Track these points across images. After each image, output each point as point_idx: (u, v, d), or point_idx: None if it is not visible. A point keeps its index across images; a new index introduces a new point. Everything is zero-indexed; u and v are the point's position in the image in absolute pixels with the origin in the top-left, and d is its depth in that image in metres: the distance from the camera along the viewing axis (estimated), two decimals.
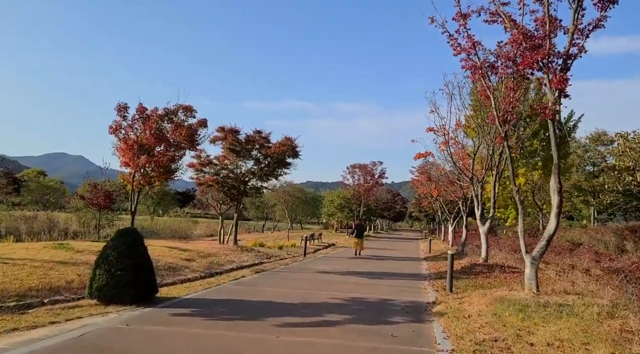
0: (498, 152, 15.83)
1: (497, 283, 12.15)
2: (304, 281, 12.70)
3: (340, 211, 53.14)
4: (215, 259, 16.58)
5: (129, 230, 8.75)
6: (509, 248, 17.78)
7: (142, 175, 13.39)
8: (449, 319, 7.80)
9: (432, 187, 31.69)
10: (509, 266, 14.93)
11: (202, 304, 8.78)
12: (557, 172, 8.34)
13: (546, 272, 13.46)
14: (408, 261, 21.09)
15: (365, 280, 13.28)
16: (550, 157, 34.60)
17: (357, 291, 11.13)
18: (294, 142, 21.65)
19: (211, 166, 21.23)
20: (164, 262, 13.77)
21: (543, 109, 8.05)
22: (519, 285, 10.15)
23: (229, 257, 18.02)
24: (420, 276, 14.97)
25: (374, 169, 47.90)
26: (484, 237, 16.08)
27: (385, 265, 18.27)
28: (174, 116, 13.86)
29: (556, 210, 8.44)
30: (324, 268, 16.14)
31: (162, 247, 17.69)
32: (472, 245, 24.44)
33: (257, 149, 21.72)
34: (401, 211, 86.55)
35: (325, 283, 12.31)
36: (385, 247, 31.00)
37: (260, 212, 67.31)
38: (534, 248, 9.22)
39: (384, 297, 10.33)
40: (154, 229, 49.36)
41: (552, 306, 7.51)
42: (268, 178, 22.43)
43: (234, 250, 20.41)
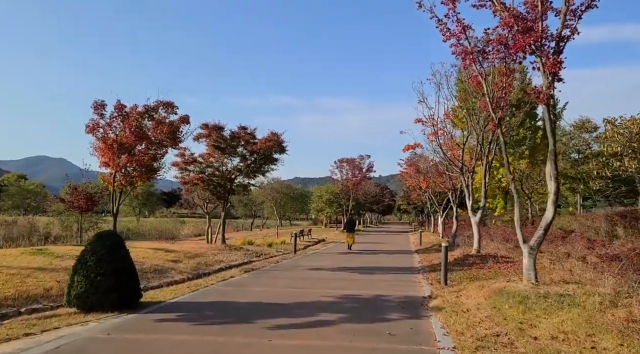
0: (487, 141, 15.62)
1: (492, 273, 11.93)
2: (295, 279, 12.35)
3: (329, 206, 52.88)
4: (202, 259, 16.14)
5: (109, 233, 8.29)
6: (500, 238, 17.61)
7: (124, 175, 12.87)
8: (447, 314, 7.51)
9: (421, 179, 31.53)
10: (502, 256, 14.75)
11: (189, 307, 8.37)
12: (554, 158, 8.09)
13: (540, 261, 13.27)
14: (400, 254, 20.87)
15: (358, 276, 12.97)
16: (537, 146, 34.63)
17: (350, 287, 10.81)
18: (280, 137, 21.23)
19: (196, 164, 20.72)
20: (149, 265, 13.30)
21: (537, 94, 7.78)
22: (516, 276, 9.92)
23: (217, 257, 17.59)
24: (413, 269, 14.72)
25: (362, 163, 47.66)
26: (476, 228, 15.89)
27: (377, 259, 18.01)
28: (154, 112, 13.34)
29: (553, 197, 8.19)
30: (315, 265, 15.80)
31: (148, 249, 17.18)
32: (463, 236, 24.30)
33: (242, 145, 21.26)
34: (390, 204, 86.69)
35: (317, 281, 11.97)
36: (376, 241, 30.80)
37: (249, 210, 66.74)
38: (531, 237, 8.96)
39: (378, 293, 10.03)
40: (140, 230, 48.57)
41: (553, 296, 7.26)
42: (255, 175, 22.00)
43: (222, 249, 19.97)
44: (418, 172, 31.95)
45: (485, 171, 15.95)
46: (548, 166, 8.33)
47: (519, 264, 13.16)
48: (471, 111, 15.71)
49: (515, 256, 14.99)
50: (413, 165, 32.81)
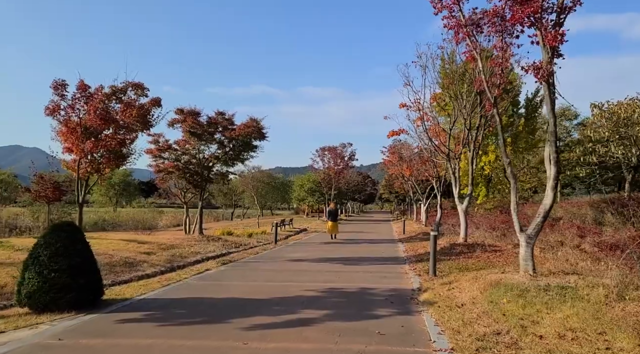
0: (475, 126, 15.08)
1: (482, 263, 11.43)
2: (275, 271, 11.65)
3: (310, 196, 52.24)
4: (178, 251, 15.31)
5: (65, 224, 7.42)
6: (486, 226, 17.20)
7: (89, 162, 11.90)
8: (441, 310, 6.91)
9: (404, 167, 31.04)
10: (489, 245, 14.31)
11: (157, 305, 7.59)
12: (554, 140, 7.51)
13: None
14: (384, 243, 20.34)
15: (342, 267, 12.33)
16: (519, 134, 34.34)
17: (334, 280, 10.15)
18: (260, 123, 20.38)
19: (171, 151, 19.75)
20: (118, 258, 12.42)
21: (536, 70, 7.17)
22: (510, 266, 9.42)
23: (194, 248, 16.77)
24: (399, 259, 14.16)
25: (344, 152, 47.10)
26: (463, 216, 15.40)
27: (361, 249, 17.43)
28: (122, 94, 12.35)
29: (552, 182, 7.63)
30: (297, 256, 15.13)
31: (119, 240, 16.27)
32: (447, 224, 23.93)
33: (220, 131, 20.35)
34: (371, 193, 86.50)
35: (298, 273, 11.29)
36: (359, 230, 30.28)
37: (229, 200, 65.73)
38: (529, 225, 8.42)
39: (364, 285, 9.40)
40: (117, 221, 47.18)
41: (554, 289, 6.71)
42: (234, 163, 21.12)
43: (200, 240, 19.15)
44: (401, 160, 31.44)
45: (472, 158, 15.43)
46: (547, 149, 7.76)
47: (508, 253, 12.73)
48: (458, 95, 15.12)
49: (503, 244, 14.60)
50: (396, 153, 32.29)
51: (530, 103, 37.69)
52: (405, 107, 16.82)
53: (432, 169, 24.52)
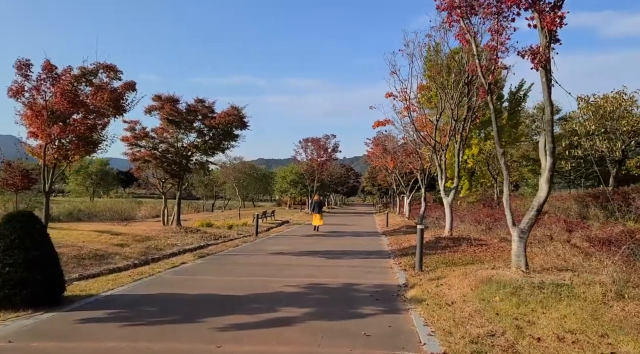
0: (462, 118, 14.72)
1: (469, 258, 11.09)
2: (254, 265, 11.12)
3: (293, 187, 51.67)
4: (153, 243, 14.67)
5: (20, 214, 6.76)
6: (471, 219, 16.95)
7: (57, 148, 11.14)
8: (430, 308, 6.50)
9: (388, 160, 30.71)
10: (475, 239, 14.02)
11: (125, 302, 7.01)
12: (551, 129, 7.13)
13: None
14: (367, 236, 19.98)
15: (325, 261, 11.87)
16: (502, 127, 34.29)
17: (316, 275, 9.69)
18: (241, 111, 19.74)
19: (147, 139, 18.96)
20: (88, 250, 11.74)
21: (533, 55, 6.76)
22: (500, 262, 9.08)
23: (171, 240, 16.13)
24: (383, 253, 13.77)
25: (327, 143, 46.60)
26: (449, 209, 15.07)
27: (344, 242, 17.01)
28: (93, 76, 11.58)
29: (548, 174, 7.26)
30: (278, 249, 14.63)
31: (91, 231, 15.52)
32: (431, 218, 23.71)
33: (200, 120, 19.64)
34: (354, 186, 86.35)
35: (279, 267, 10.79)
36: (342, 223, 29.91)
37: (210, 191, 64.71)
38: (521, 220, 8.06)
39: (348, 281, 8.96)
40: (93, 211, 45.93)
41: (548, 286, 6.35)
42: (213, 152, 20.45)
43: (177, 232, 18.50)
44: (385, 152, 31.10)
45: (459, 150, 15.09)
46: (542, 139, 7.39)
47: (494, 248, 12.44)
48: (445, 85, 14.71)
49: (489, 238, 14.33)
50: (380, 145, 31.93)
51: (513, 97, 37.68)
52: (391, 96, 16.40)
53: (417, 162, 24.19)
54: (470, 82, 14.18)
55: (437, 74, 15.40)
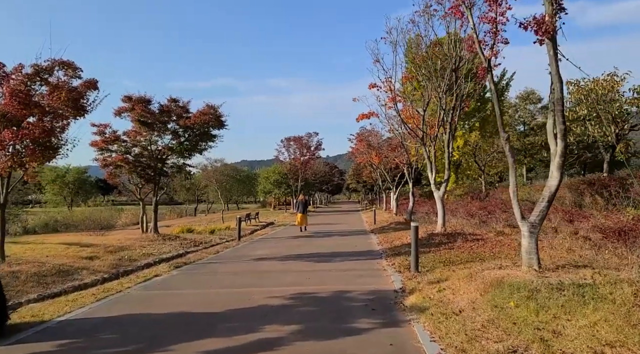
0: (450, 107, 13.96)
1: (466, 255, 10.31)
2: (236, 274, 10.16)
3: (277, 188, 50.64)
4: (127, 253, 13.61)
5: None
6: (463, 213, 16.25)
7: (11, 155, 10.03)
8: (435, 318, 5.66)
9: (373, 155, 29.94)
10: (470, 233, 13.29)
11: (81, 329, 6.03)
12: (561, 109, 6.34)
13: (516, 237, 11.91)
14: (355, 235, 19.13)
15: (312, 265, 10.98)
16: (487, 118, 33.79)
17: (303, 282, 8.80)
18: (218, 110, 18.75)
19: (119, 143, 17.83)
20: (51, 266, 10.67)
21: (538, 25, 5.99)
22: (504, 259, 8.30)
23: (147, 249, 15.09)
24: (373, 253, 12.93)
25: (310, 141, 45.68)
26: (440, 203, 14.30)
27: (331, 243, 16.14)
28: (48, 75, 10.50)
29: (559, 160, 6.48)
30: (262, 253, 13.69)
31: (59, 244, 14.43)
32: (421, 213, 23.02)
33: (174, 120, 18.57)
34: (339, 184, 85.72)
35: (263, 275, 9.86)
36: (328, 222, 29.05)
37: (192, 195, 63.28)
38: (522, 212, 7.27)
39: (339, 287, 8.08)
40: (71, 221, 44.28)
41: (569, 287, 5.57)
42: (190, 154, 19.36)
43: (154, 240, 17.45)
44: (370, 147, 30.32)
45: (449, 141, 14.34)
46: (551, 121, 6.62)
47: (492, 243, 11.70)
48: (431, 74, 13.94)
49: (484, 232, 13.61)
50: (364, 140, 31.15)
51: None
52: (375, 87, 15.55)
53: (404, 156, 23.46)
54: (458, 69, 13.44)
55: (422, 62, 14.63)
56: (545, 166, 51.49)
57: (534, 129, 47.73)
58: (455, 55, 13.09)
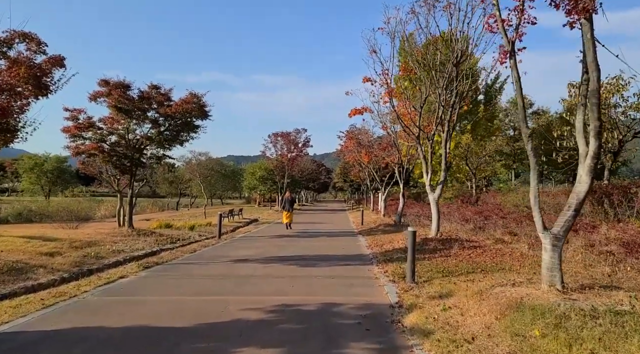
0: (450, 103, 13.08)
1: (466, 265, 9.42)
2: (211, 278, 9.12)
3: (262, 184, 49.47)
4: (95, 250, 12.46)
5: None
6: (458, 218, 15.41)
7: None
8: (443, 346, 4.71)
9: (363, 154, 29.04)
10: (466, 240, 12.42)
11: (12, 348, 4.96)
12: (597, 102, 5.43)
13: (516, 245, 11.08)
14: (343, 236, 18.20)
15: (297, 270, 9.99)
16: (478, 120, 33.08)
17: (287, 291, 7.81)
18: (202, 99, 17.59)
19: (93, 130, 16.59)
20: (3, 262, 9.50)
21: (574, 2, 5.11)
22: (517, 273, 7.41)
23: (118, 245, 13.96)
24: (363, 258, 11.98)
25: (298, 137, 44.60)
26: (435, 207, 13.41)
27: (318, 244, 15.18)
28: (7, 48, 9.33)
29: (591, 162, 5.60)
30: (243, 254, 12.67)
31: (20, 237, 13.19)
32: (411, 215, 22.20)
33: (155, 108, 17.39)
34: (325, 182, 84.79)
35: (241, 280, 8.84)
36: (314, 221, 28.10)
37: (175, 188, 61.75)
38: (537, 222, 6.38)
39: (327, 299, 7.11)
40: (46, 211, 42.65)
41: (604, 315, 4.68)
42: (170, 145, 18.19)
43: (129, 235, 16.29)
44: (359, 145, 29.41)
45: (446, 139, 13.47)
46: (581, 117, 5.75)
47: (491, 251, 10.84)
48: (431, 67, 13.02)
49: (480, 239, 12.77)
50: (354, 138, 30.23)
51: (489, 89, 36.73)
52: (369, 81, 14.61)
53: (395, 155, 22.59)
54: (459, 63, 12.55)
55: (421, 55, 13.72)
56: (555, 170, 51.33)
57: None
58: (457, 49, 12.20)
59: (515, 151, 46.58)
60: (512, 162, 47.45)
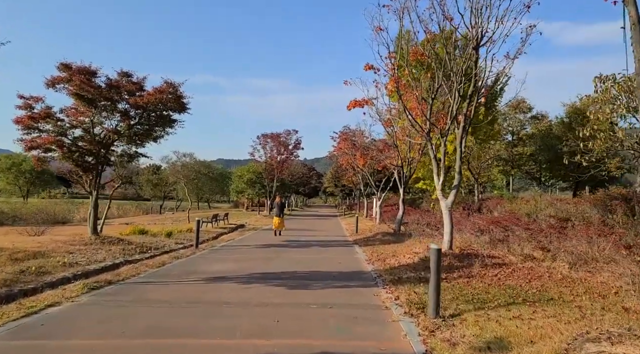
0: (468, 94, 11.12)
1: (499, 291, 7.41)
2: (170, 307, 6.97)
3: (250, 187, 47.23)
4: (39, 262, 10.27)
5: None
6: (471, 227, 13.45)
7: None
8: None
9: (358, 156, 27.04)
10: (487, 256, 10.43)
11: None
12: None
13: (549, 264, 9.11)
14: (337, 247, 16.16)
15: (284, 294, 7.90)
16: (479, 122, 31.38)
17: (269, 330, 5.72)
18: (178, 89, 15.50)
19: (52, 121, 14.38)
20: None
21: None
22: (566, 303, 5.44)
23: (74, 256, 11.80)
24: (365, 276, 9.92)
25: (288, 139, 42.53)
26: (448, 215, 11.38)
27: (310, 257, 13.11)
28: None
29: None
30: (219, 269, 10.57)
31: None
32: (411, 223, 20.26)
33: (125, 99, 15.25)
34: (316, 187, 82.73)
35: (210, 311, 6.71)
36: (305, 228, 26.02)
37: (159, 191, 59.26)
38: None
39: (325, 347, 5.06)
40: (20, 213, 40.23)
41: None
42: (142, 141, 16.02)
43: (91, 243, 14.10)
44: (354, 147, 27.43)
45: (462, 136, 11.51)
46: None
47: (522, 271, 8.85)
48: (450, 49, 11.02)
49: (502, 254, 10.78)
50: (348, 139, 28.25)
51: (490, 91, 35.10)
52: (372, 69, 12.64)
53: (395, 157, 20.64)
54: (479, 46, 10.62)
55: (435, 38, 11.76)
56: (531, 177, 49.73)
57: (522, 139, 45.84)
58: (477, 26, 10.27)
59: (513, 157, 45.03)
60: (510, 168, 45.84)
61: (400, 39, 11.77)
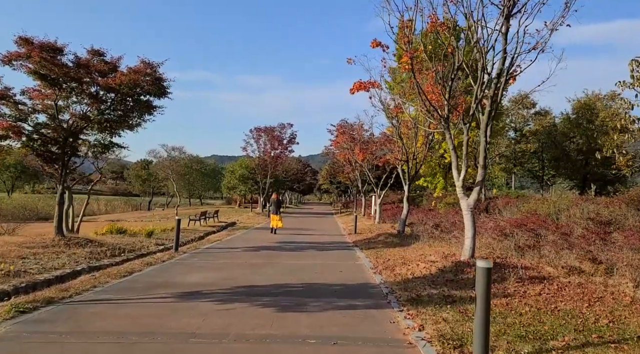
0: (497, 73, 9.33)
1: (559, 322, 5.63)
2: (117, 342, 5.09)
3: (242, 184, 45.31)
4: None
5: None
6: (493, 231, 11.66)
7: None
8: None
9: (356, 150, 25.23)
10: (524, 267, 8.63)
11: None
12: None
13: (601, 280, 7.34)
14: (336, 250, 14.37)
15: (272, 321, 6.04)
16: None
17: None
18: (157, 70, 13.61)
19: (9, 103, 12.47)
20: None
21: None
22: None
23: (25, 262, 9.98)
24: (373, 292, 8.08)
25: (283, 133, 40.61)
26: (470, 217, 9.54)
27: (305, 263, 11.31)
28: None
29: None
30: (196, 280, 8.74)
31: None
32: (416, 224, 18.51)
33: (96, 82, 13.35)
34: (311, 184, 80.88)
35: (169, 349, 4.87)
36: (299, 227, 24.21)
37: (148, 187, 57.24)
38: None
39: None
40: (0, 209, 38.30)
41: None
42: (116, 129, 14.11)
43: (53, 245, 12.26)
44: (353, 141, 25.61)
45: (487, 123, 9.74)
46: None
47: (570, 289, 7.07)
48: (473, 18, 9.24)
49: (538, 265, 9.00)
50: (346, 133, 26.43)
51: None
52: (379, 46, 10.80)
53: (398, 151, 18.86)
54: (511, 16, 8.86)
55: None
56: (533, 176, 48.16)
57: (526, 136, 44.21)
58: None
59: (516, 154, 43.42)
60: (513, 166, 44.22)
61: (416, 10, 9.91)
